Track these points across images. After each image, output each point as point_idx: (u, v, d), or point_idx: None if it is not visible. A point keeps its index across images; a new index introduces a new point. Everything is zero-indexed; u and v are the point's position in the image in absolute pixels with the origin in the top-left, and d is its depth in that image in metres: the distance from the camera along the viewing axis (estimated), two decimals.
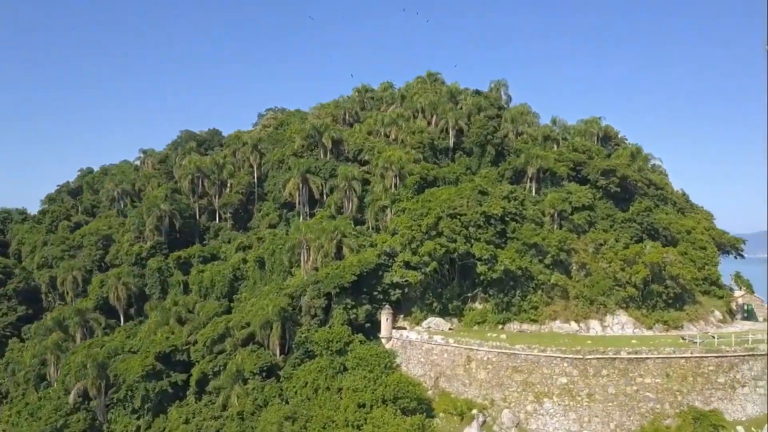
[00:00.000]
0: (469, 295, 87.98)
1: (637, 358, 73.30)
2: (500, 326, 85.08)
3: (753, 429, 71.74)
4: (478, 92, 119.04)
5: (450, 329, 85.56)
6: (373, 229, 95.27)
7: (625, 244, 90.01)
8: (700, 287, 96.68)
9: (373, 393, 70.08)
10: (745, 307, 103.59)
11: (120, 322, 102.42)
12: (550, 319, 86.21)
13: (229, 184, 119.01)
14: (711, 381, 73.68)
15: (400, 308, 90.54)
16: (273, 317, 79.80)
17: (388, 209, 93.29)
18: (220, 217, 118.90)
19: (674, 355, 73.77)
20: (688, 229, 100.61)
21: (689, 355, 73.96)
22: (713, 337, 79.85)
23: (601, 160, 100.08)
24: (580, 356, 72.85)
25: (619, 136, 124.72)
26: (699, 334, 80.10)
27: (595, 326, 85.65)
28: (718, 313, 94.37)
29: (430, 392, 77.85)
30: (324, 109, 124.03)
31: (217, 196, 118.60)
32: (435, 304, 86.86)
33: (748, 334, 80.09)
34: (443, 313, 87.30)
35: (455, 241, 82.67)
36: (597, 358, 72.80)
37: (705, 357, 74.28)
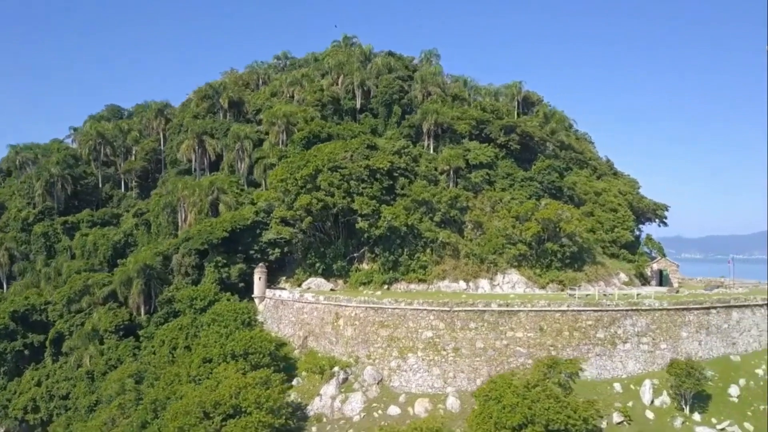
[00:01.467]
0: (356, 255, 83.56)
1: (508, 311, 68.91)
2: (386, 286, 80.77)
3: (632, 386, 67.68)
4: (391, 54, 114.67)
5: (332, 290, 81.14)
6: (261, 187, 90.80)
7: (521, 202, 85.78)
8: (608, 249, 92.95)
9: (222, 348, 65.57)
10: (663, 273, 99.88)
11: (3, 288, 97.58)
12: (438, 278, 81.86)
13: (134, 151, 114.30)
14: (589, 336, 69.49)
15: (284, 269, 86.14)
16: (133, 274, 75.15)
17: (277, 167, 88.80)
18: (126, 185, 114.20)
19: (549, 309, 69.45)
20: (597, 191, 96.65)
21: (566, 308, 69.68)
22: (605, 294, 76.13)
23: (506, 119, 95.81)
24: (447, 309, 68.46)
25: (543, 102, 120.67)
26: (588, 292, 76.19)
27: (484, 285, 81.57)
28: (623, 276, 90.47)
29: (296, 351, 73.54)
30: (232, 74, 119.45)
31: (121, 164, 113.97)
32: (318, 265, 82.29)
33: (639, 293, 76.45)
34: (327, 274, 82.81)
35: (333, 195, 78.15)
36: (465, 311, 68.36)
37: (583, 311, 70.05)
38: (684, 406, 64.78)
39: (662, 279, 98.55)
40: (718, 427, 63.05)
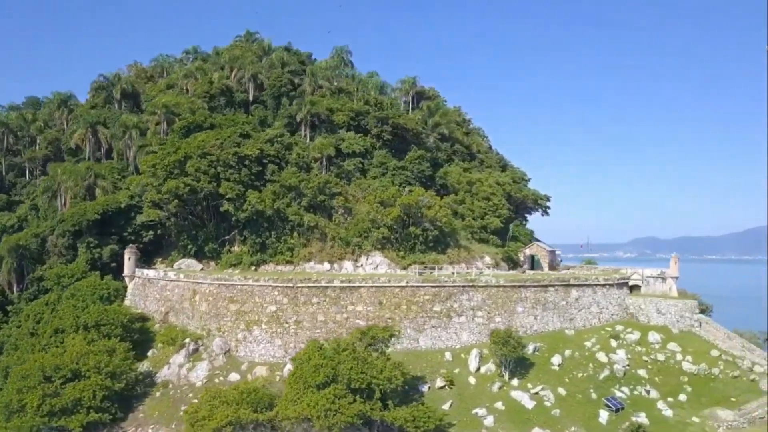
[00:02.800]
0: (226, 237, 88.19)
1: (350, 287, 74.37)
2: (254, 268, 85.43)
3: (462, 355, 73.43)
4: (287, 49, 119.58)
5: (202, 270, 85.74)
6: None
7: (386, 189, 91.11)
8: (477, 235, 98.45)
9: (75, 320, 69.82)
10: (535, 257, 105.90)
11: None
12: (305, 260, 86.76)
13: (38, 141, 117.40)
14: (426, 309, 75.17)
15: (160, 251, 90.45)
16: (4, 253, 79.06)
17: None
18: (31, 173, 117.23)
19: (389, 284, 75.03)
20: (471, 181, 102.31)
21: (405, 284, 75.31)
22: (455, 273, 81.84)
23: (383, 111, 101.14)
24: (291, 285, 73.62)
25: (439, 97, 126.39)
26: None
27: (347, 266, 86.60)
28: (488, 259, 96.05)
29: (157, 326, 78.11)
30: (135, 67, 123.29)
31: (25, 153, 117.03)
32: (190, 247, 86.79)
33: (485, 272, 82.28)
34: (200, 256, 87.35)
35: (200, 180, 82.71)
36: (309, 287, 73.67)
37: (421, 287, 75.77)
38: (504, 373, 70.64)
39: (533, 263, 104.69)
40: (532, 391, 68.88)
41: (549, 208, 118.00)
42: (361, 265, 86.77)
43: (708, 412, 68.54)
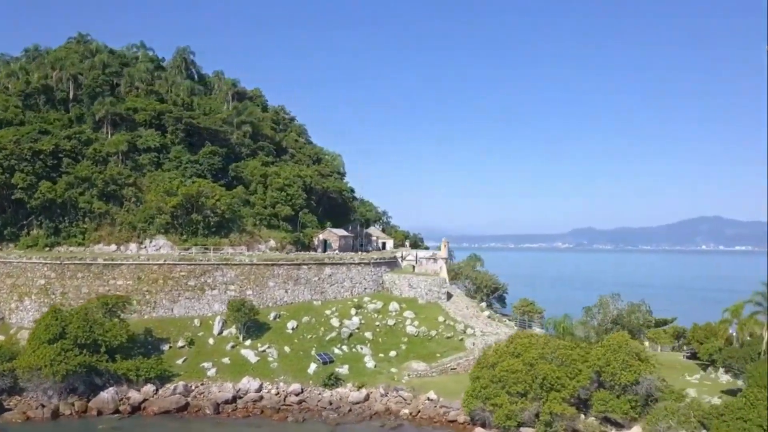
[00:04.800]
0: (24, 222, 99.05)
1: (112, 264, 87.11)
2: (47, 248, 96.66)
3: (210, 322, 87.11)
4: (111, 51, 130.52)
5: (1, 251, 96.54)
6: None
7: (171, 180, 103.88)
8: (267, 221, 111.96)
9: None
10: (327, 242, 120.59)
11: None
12: (94, 242, 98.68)
13: None
14: (181, 284, 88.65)
15: None
16: None
17: None
18: None
19: (147, 262, 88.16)
20: (265, 173, 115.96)
21: (162, 262, 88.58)
22: (247, 254, 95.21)
23: (184, 111, 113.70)
24: (59, 262, 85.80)
25: (262, 97, 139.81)
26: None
27: (132, 248, 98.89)
28: (273, 242, 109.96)
29: None
30: None
31: None
32: None
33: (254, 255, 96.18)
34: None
35: None
36: (75, 264, 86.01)
37: (178, 264, 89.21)
38: (240, 335, 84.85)
39: (326, 246, 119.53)
40: (260, 349, 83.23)
41: (354, 199, 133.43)
42: (145, 247, 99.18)
43: (406, 364, 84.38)
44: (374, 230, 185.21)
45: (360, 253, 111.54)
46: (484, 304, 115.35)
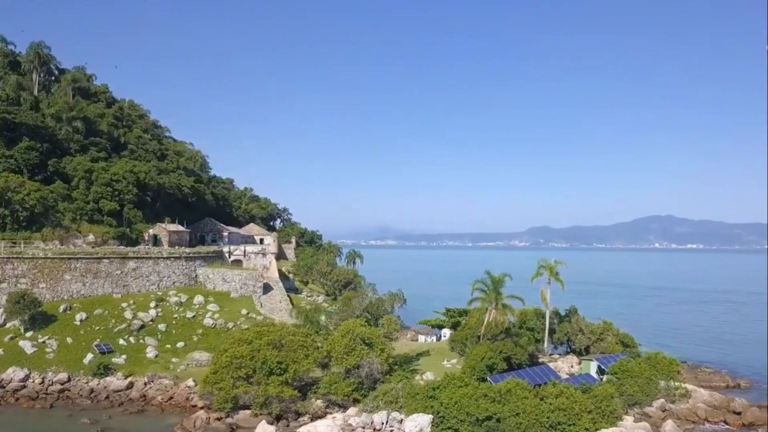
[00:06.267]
0: None
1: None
2: None
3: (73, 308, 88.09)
4: None
5: None
6: None
7: None
8: (88, 216, 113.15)
9: None
10: (157, 237, 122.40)
11: None
12: None
13: None
14: None
15: None
16: None
17: None
18: None
19: None
20: (90, 168, 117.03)
21: None
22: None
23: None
24: None
25: (108, 92, 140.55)
26: None
27: None
28: (91, 237, 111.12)
29: None
30: None
31: None
32: None
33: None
34: None
35: None
36: None
37: None
38: (21, 327, 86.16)
39: (156, 241, 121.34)
40: (40, 340, 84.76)
41: (190, 196, 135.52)
42: None
43: (190, 355, 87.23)
44: (254, 227, 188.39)
45: (172, 248, 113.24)
46: (321, 298, 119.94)
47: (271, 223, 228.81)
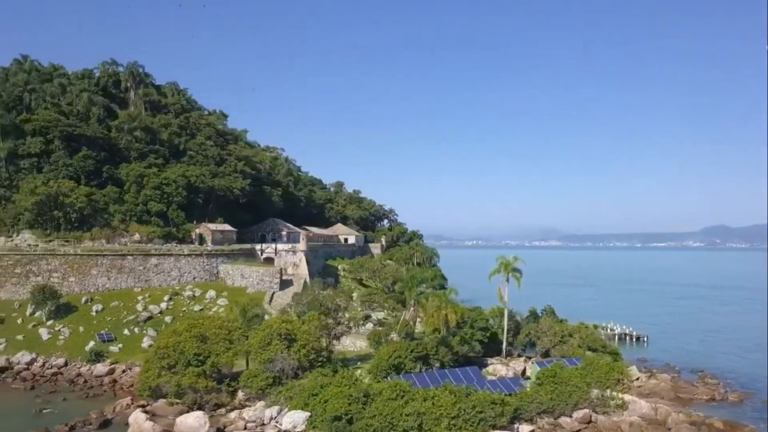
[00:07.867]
0: None
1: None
2: None
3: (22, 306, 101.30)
4: (38, 69, 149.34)
5: None
6: None
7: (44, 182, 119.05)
8: (137, 217, 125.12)
9: None
10: (203, 236, 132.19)
11: None
12: None
13: None
14: (9, 271, 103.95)
15: None
16: None
17: None
18: None
19: None
20: (142, 174, 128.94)
21: None
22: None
23: (74, 120, 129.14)
24: None
25: (182, 105, 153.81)
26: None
27: (1, 241, 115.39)
28: (137, 236, 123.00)
29: None
30: None
31: None
32: None
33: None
34: None
35: None
36: None
37: (6, 255, 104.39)
38: (44, 316, 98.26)
39: (201, 240, 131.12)
40: (56, 328, 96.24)
41: (241, 197, 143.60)
42: (12, 240, 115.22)
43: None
44: (341, 227, 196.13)
45: (194, 245, 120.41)
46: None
47: (378, 224, 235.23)
